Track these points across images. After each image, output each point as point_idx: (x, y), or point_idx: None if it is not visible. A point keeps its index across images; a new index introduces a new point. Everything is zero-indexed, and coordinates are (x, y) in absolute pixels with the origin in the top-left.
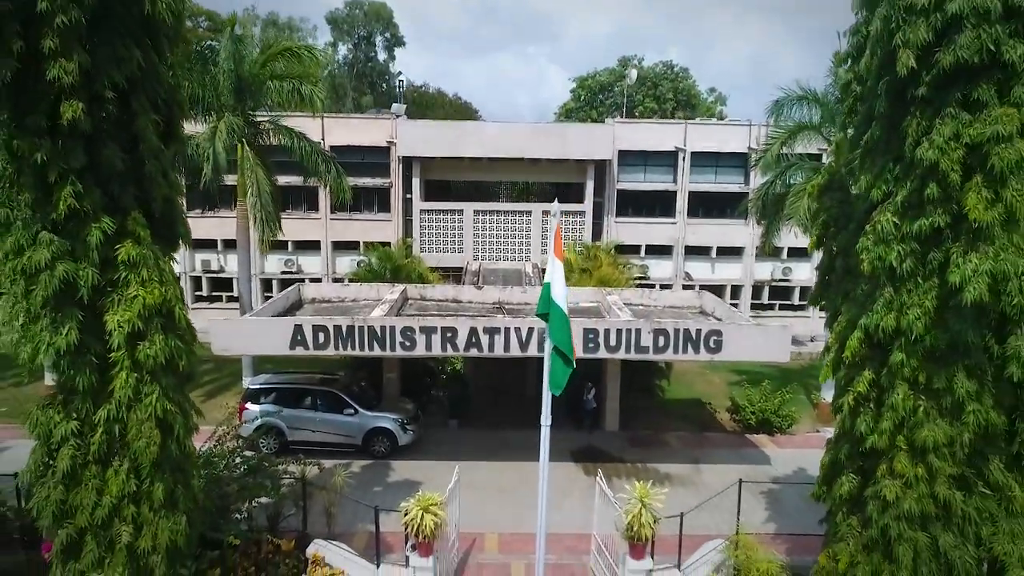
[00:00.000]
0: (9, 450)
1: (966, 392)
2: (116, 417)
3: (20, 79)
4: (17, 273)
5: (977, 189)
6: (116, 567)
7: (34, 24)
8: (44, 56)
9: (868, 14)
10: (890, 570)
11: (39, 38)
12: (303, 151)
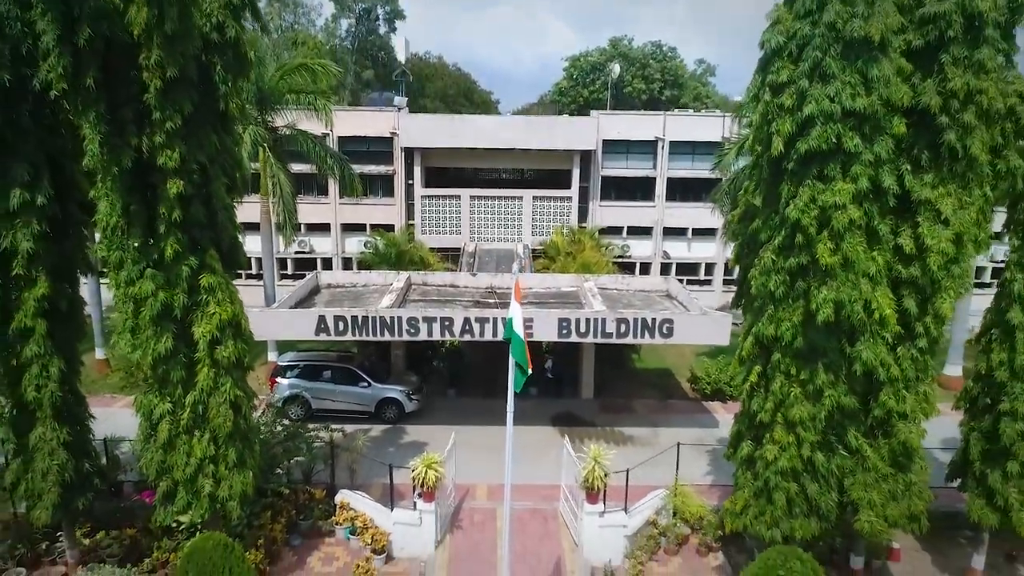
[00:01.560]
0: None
1: (823, 382)
2: (200, 400)
3: (136, 162)
4: (128, 298)
5: (824, 241)
6: (200, 510)
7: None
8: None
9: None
10: (770, 511)
11: (152, 136)
12: (318, 155)
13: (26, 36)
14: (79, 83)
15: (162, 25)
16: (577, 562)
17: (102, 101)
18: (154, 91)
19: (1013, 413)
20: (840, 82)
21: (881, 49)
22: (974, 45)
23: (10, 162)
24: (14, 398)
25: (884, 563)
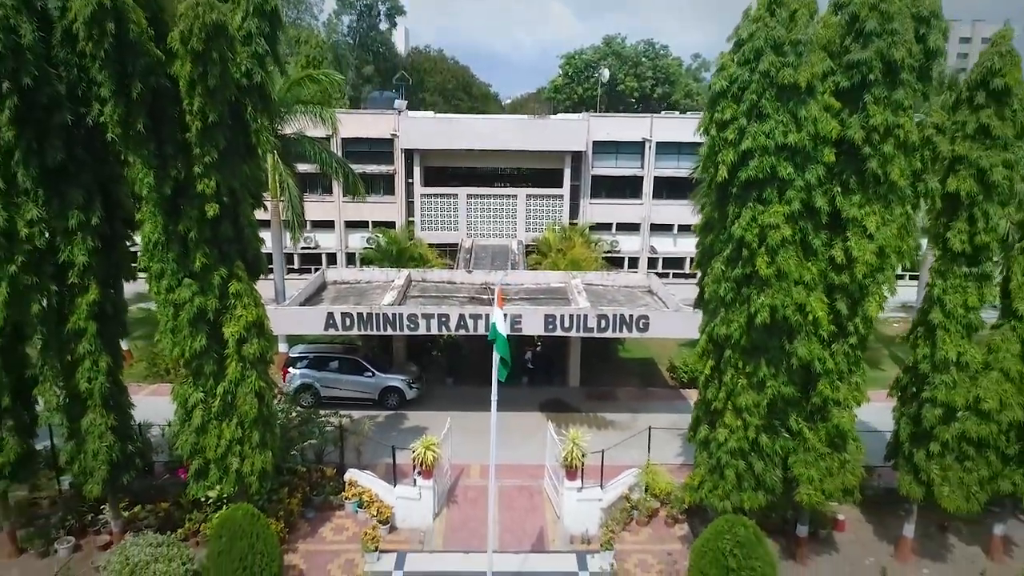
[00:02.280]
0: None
1: (765, 374)
2: (229, 390)
3: (176, 190)
4: (168, 303)
5: (762, 255)
6: (228, 484)
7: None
8: (194, 176)
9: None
10: (722, 485)
11: (192, 167)
12: (324, 160)
13: (81, 80)
14: (130, 127)
15: (205, 80)
16: (558, 531)
17: (150, 141)
18: (195, 131)
19: (933, 400)
20: (774, 120)
21: (808, 93)
22: (892, 87)
23: (69, 188)
24: (68, 389)
25: (830, 532)
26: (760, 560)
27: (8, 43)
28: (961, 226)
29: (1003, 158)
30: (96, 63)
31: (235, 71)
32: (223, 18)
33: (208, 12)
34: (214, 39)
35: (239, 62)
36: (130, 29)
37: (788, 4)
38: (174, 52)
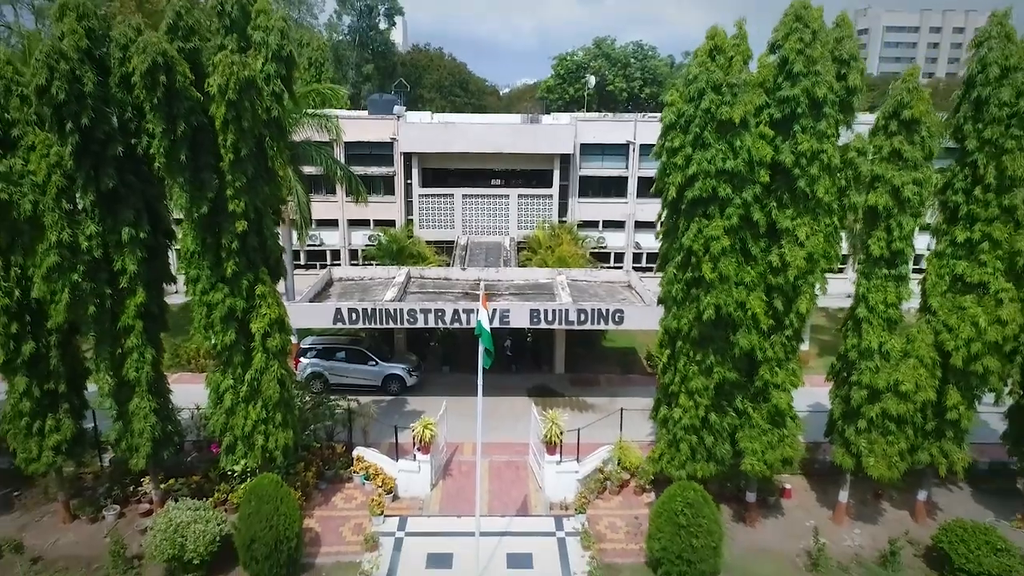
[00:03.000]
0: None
1: (712, 362)
2: (255, 377)
3: (212, 210)
4: (203, 304)
5: (707, 262)
6: (253, 458)
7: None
8: (227, 198)
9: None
10: (678, 457)
11: (225, 190)
12: (330, 167)
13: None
14: (174, 158)
15: (238, 121)
16: (540, 499)
17: (189, 169)
18: (228, 162)
19: (860, 383)
20: (715, 149)
21: (743, 126)
22: (817, 119)
23: (121, 208)
24: (117, 377)
25: (778, 499)
26: (707, 518)
27: (73, 91)
28: (880, 234)
29: (913, 177)
30: (149, 106)
31: (258, 108)
32: (253, 73)
33: (241, 69)
34: (246, 90)
35: (262, 100)
36: (177, 79)
37: (726, 52)
38: (211, 97)
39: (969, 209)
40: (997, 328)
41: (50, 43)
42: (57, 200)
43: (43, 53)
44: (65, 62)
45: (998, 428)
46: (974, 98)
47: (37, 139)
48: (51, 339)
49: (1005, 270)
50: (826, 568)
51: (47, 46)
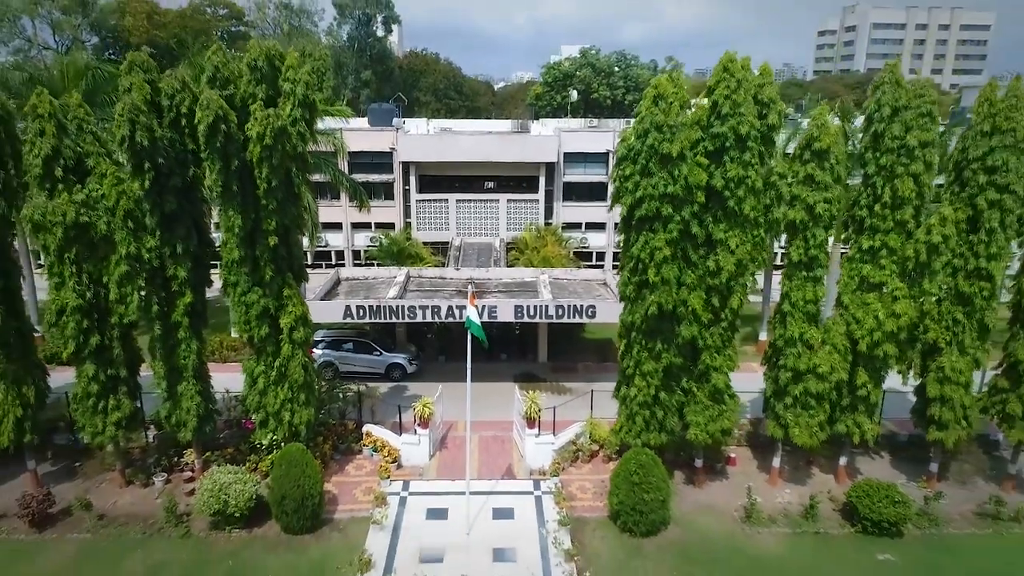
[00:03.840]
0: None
1: (660, 349)
2: (283, 364)
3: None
4: (241, 304)
5: (652, 268)
6: (281, 431)
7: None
8: (260, 218)
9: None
10: (635, 428)
11: (260, 212)
12: (337, 178)
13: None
14: (227, 187)
15: (271, 159)
16: (521, 466)
17: (236, 196)
18: (263, 190)
19: (785, 367)
20: (658, 177)
21: (680, 159)
22: (742, 151)
23: (176, 226)
24: (168, 364)
25: (724, 466)
26: (656, 477)
27: (149, 137)
28: (799, 243)
29: (824, 196)
30: (209, 149)
31: (287, 147)
32: (284, 122)
33: (275, 120)
34: (278, 136)
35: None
36: (230, 126)
37: (667, 98)
38: (250, 140)
39: (871, 222)
40: (893, 320)
41: (129, 99)
42: (125, 220)
43: (125, 109)
44: (144, 116)
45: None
46: (872, 131)
47: (108, 170)
48: (113, 333)
49: (899, 272)
50: (757, 520)
51: (127, 103)
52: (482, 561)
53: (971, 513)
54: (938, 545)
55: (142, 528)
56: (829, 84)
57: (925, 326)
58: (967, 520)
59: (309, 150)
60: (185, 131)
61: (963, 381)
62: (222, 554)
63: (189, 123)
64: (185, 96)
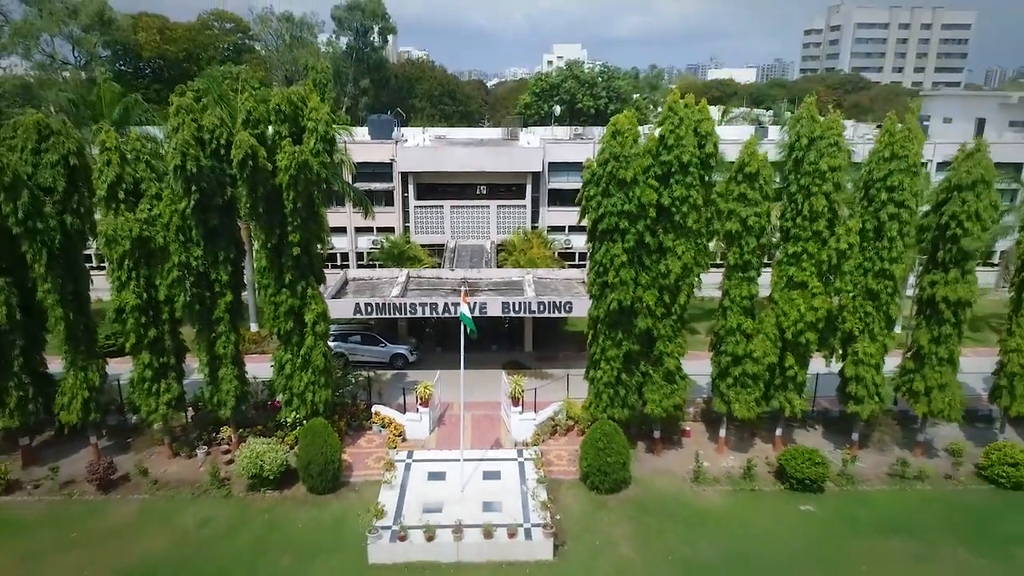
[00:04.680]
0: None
1: (621, 337)
2: (306, 353)
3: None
4: (272, 303)
5: (612, 271)
6: (304, 409)
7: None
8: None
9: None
10: (601, 404)
11: (286, 227)
12: (345, 190)
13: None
14: (256, 209)
15: (296, 186)
16: (507, 439)
17: (264, 217)
18: (289, 210)
19: (726, 352)
20: (616, 197)
21: (634, 182)
22: (685, 175)
23: (218, 238)
24: (210, 354)
25: (680, 437)
26: (617, 444)
27: (196, 166)
28: (735, 250)
29: (754, 211)
30: (241, 179)
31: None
32: (307, 156)
33: (300, 155)
34: (302, 168)
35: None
36: (259, 159)
37: (623, 133)
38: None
39: (794, 232)
40: (812, 312)
41: (179, 137)
42: (177, 234)
43: (177, 143)
44: (191, 148)
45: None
46: (794, 157)
47: (164, 192)
48: (164, 327)
49: (817, 273)
50: (704, 480)
51: (179, 139)
52: (474, 511)
53: (884, 474)
54: (852, 499)
55: (191, 491)
56: (811, 84)
57: (843, 317)
58: (879, 479)
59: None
60: (224, 160)
61: (874, 363)
62: (259, 510)
63: (227, 153)
64: (223, 131)
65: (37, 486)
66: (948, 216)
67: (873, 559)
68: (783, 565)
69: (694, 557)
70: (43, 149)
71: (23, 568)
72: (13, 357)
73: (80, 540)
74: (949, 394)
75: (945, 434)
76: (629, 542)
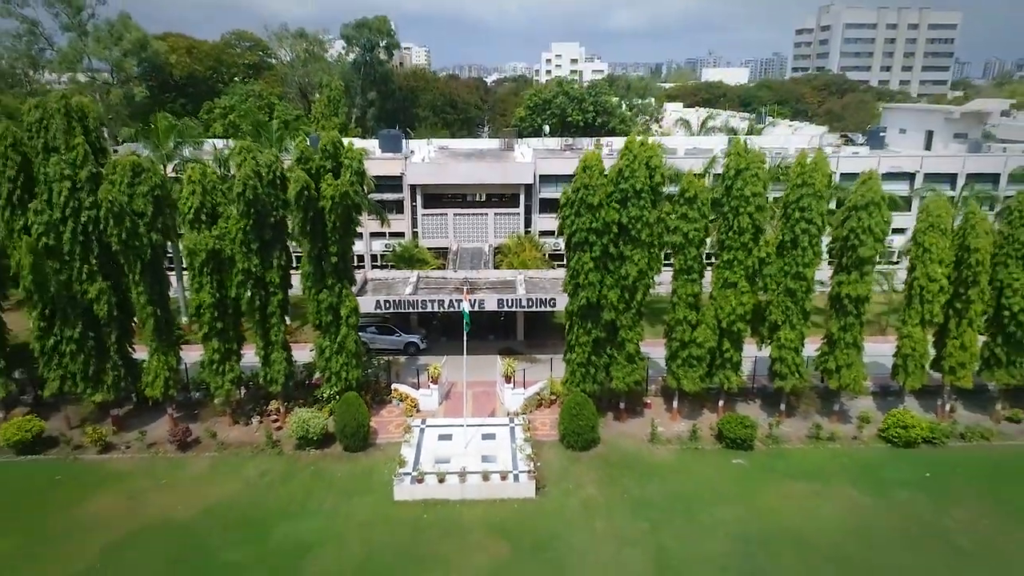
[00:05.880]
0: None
1: (591, 327)
2: (342, 340)
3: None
4: (315, 300)
5: (582, 275)
6: (339, 384)
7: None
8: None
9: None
10: (575, 379)
11: (327, 241)
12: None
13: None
14: (304, 229)
15: (337, 210)
16: (501, 410)
17: (311, 233)
18: (330, 227)
19: (675, 338)
20: (586, 217)
21: (600, 206)
22: (639, 199)
23: (273, 251)
24: (264, 340)
25: (642, 408)
26: (587, 411)
27: (255, 193)
28: (680, 257)
29: (694, 227)
30: (295, 207)
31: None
32: (346, 187)
33: (340, 188)
34: (343, 196)
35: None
36: (310, 191)
37: (591, 168)
38: (324, 197)
39: (727, 243)
40: (741, 306)
41: (243, 172)
42: (240, 246)
43: (242, 176)
44: (252, 180)
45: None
46: (726, 185)
47: (232, 214)
48: (229, 320)
49: (745, 276)
50: (658, 441)
51: (243, 173)
52: (475, 462)
53: (803, 436)
54: (775, 455)
55: (250, 450)
56: (798, 87)
57: (770, 310)
58: (799, 440)
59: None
60: (277, 187)
61: (793, 347)
62: (305, 464)
63: (280, 183)
64: (277, 165)
65: (128, 447)
66: (848, 230)
67: (780, 496)
68: (710, 500)
69: (643, 496)
70: (136, 183)
71: (131, 503)
72: (109, 345)
73: (169, 485)
74: (854, 371)
75: (861, 405)
76: (595, 486)
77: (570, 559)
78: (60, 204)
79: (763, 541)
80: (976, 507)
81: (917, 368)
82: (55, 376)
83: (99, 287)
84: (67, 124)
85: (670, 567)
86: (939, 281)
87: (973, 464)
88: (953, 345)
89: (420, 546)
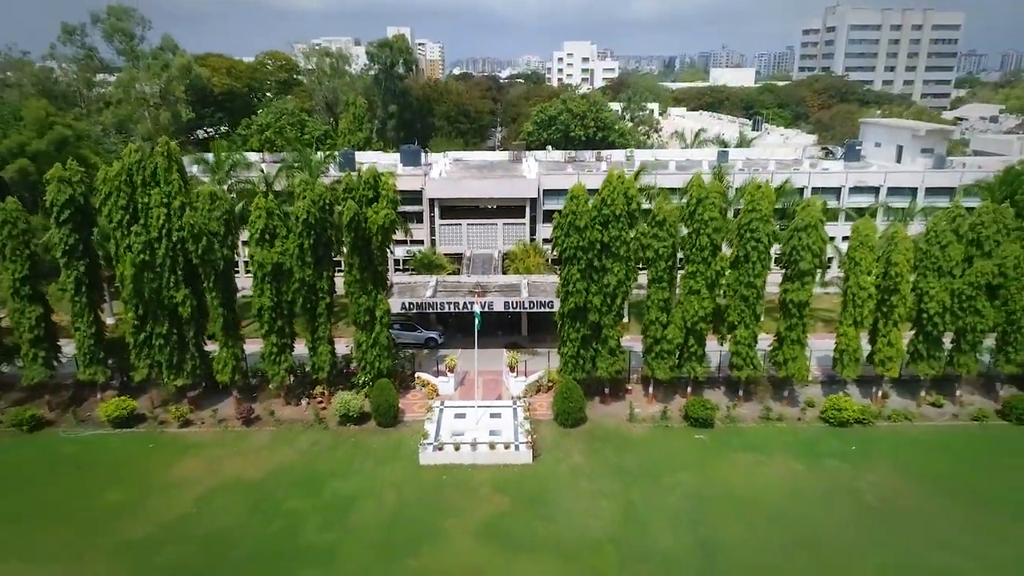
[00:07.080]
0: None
1: (579, 326)
2: (377, 335)
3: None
4: (356, 303)
5: (571, 283)
6: (373, 372)
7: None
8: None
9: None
10: (567, 368)
11: (370, 255)
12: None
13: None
14: (354, 248)
15: (380, 234)
16: (506, 394)
17: (357, 251)
18: (375, 245)
19: (650, 335)
20: (573, 237)
21: (585, 228)
22: (618, 222)
23: (323, 262)
24: (313, 335)
25: (624, 393)
26: (576, 395)
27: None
28: (653, 269)
29: (663, 244)
30: (346, 231)
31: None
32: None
33: (385, 217)
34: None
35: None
36: (360, 217)
37: (578, 198)
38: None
39: (691, 257)
40: (703, 310)
41: (304, 202)
42: (297, 260)
43: (305, 205)
44: (311, 206)
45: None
46: (689, 210)
47: (290, 234)
48: (285, 319)
49: (706, 285)
50: (635, 420)
51: (304, 203)
52: (484, 435)
53: (757, 417)
54: (731, 432)
55: (301, 425)
56: (799, 90)
57: (728, 313)
58: (753, 420)
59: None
60: (328, 213)
61: (747, 343)
62: (346, 437)
63: (331, 209)
64: (328, 195)
65: (203, 422)
66: (791, 248)
67: (730, 464)
68: (674, 467)
69: (619, 463)
70: (212, 208)
71: (211, 465)
72: (188, 339)
73: (239, 452)
74: (799, 363)
75: (810, 392)
76: (581, 455)
77: (557, 509)
78: (157, 226)
79: (711, 499)
80: (886, 473)
81: (852, 361)
82: (144, 365)
83: (184, 293)
84: (168, 163)
85: (634, 515)
86: (868, 289)
87: (893, 440)
88: (882, 342)
89: (440, 499)
